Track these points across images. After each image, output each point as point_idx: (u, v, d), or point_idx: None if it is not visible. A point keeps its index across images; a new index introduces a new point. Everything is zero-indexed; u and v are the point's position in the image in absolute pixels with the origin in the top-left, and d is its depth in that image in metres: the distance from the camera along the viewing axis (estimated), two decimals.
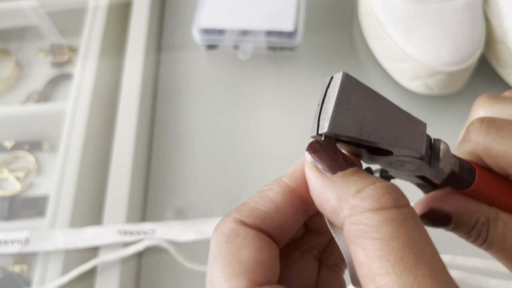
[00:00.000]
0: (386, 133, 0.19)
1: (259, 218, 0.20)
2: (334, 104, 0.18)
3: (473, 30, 0.44)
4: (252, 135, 0.47)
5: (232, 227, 0.19)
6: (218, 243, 0.19)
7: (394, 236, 0.16)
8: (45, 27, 0.59)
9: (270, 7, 0.51)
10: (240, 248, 0.18)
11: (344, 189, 0.17)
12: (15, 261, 0.43)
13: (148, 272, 0.41)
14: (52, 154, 0.50)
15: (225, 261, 0.18)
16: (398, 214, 0.16)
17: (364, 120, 0.18)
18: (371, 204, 0.16)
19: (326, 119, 0.18)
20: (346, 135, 0.18)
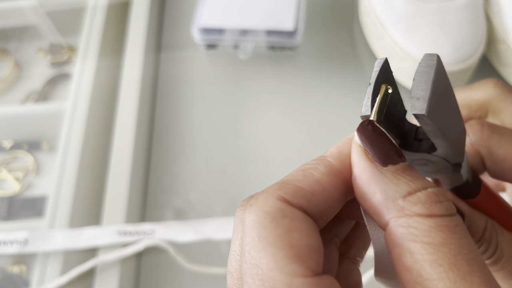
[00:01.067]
0: (452, 132, 0.18)
1: (305, 199, 0.17)
2: (431, 86, 0.16)
3: (474, 29, 0.43)
4: (252, 135, 0.47)
5: (277, 205, 0.17)
6: (262, 222, 0.16)
7: (446, 242, 0.15)
8: (44, 26, 0.59)
9: (270, 6, 0.51)
10: (290, 230, 0.16)
11: (394, 187, 0.17)
12: (14, 262, 0.43)
13: (148, 273, 0.41)
14: (51, 154, 0.50)
15: (274, 243, 0.16)
16: (450, 221, 0.16)
17: (443, 113, 0.17)
18: (422, 210, 0.16)
19: (421, 100, 0.16)
20: (434, 124, 0.17)
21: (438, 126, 0.17)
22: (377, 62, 0.18)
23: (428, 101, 0.16)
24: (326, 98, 0.49)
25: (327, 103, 0.48)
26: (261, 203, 0.17)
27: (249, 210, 0.17)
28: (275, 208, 0.17)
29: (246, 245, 0.16)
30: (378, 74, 0.18)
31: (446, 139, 0.18)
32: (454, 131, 0.18)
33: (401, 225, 0.16)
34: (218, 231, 0.41)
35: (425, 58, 0.17)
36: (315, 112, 0.47)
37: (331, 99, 0.49)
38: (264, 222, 0.16)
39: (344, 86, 0.50)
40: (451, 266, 0.15)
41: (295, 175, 0.18)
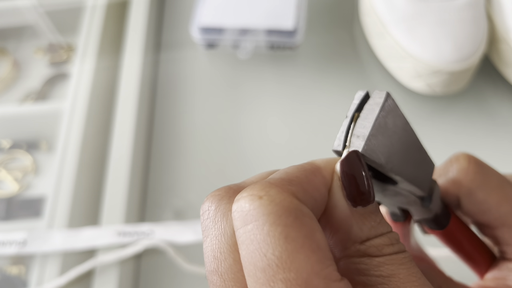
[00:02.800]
0: (407, 167, 0.18)
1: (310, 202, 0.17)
2: (372, 125, 0.17)
3: (475, 29, 0.43)
4: (251, 135, 0.47)
5: (296, 203, 0.16)
6: (284, 219, 0.15)
7: (395, 273, 0.16)
8: (43, 26, 0.59)
9: (270, 5, 0.51)
10: (313, 231, 0.15)
11: (356, 231, 0.17)
12: (12, 262, 0.43)
13: (147, 274, 0.41)
14: (50, 154, 0.50)
15: (305, 245, 0.15)
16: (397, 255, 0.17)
17: (392, 149, 0.18)
18: (374, 251, 0.17)
19: (360, 138, 0.17)
20: (375, 161, 0.17)
21: (381, 163, 0.17)
22: (357, 95, 0.18)
23: (367, 140, 0.17)
24: (326, 97, 0.49)
25: (327, 102, 0.48)
26: (276, 197, 0.15)
27: (259, 203, 0.15)
28: (295, 205, 0.15)
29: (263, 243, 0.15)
30: (357, 107, 0.18)
31: (397, 174, 0.18)
32: (409, 166, 0.18)
33: (355, 263, 0.17)
34: None
35: (374, 95, 0.18)
36: (315, 112, 0.47)
37: (331, 99, 0.49)
38: (286, 220, 0.15)
39: (344, 85, 0.49)
40: None
41: (298, 174, 0.17)
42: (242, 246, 0.16)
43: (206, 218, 0.18)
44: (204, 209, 0.18)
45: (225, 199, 0.18)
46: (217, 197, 0.18)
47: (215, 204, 0.18)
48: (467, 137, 0.45)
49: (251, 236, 0.15)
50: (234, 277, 0.16)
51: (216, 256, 0.17)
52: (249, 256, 0.15)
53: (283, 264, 0.14)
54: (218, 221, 0.17)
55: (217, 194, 0.18)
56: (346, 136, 0.17)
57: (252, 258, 0.15)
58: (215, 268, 0.17)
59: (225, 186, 0.18)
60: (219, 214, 0.17)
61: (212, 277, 0.17)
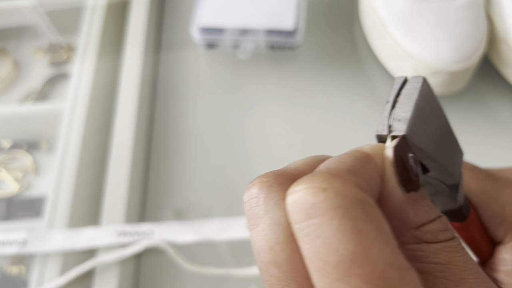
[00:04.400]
0: (441, 153, 0.18)
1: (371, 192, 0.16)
2: (413, 108, 0.17)
3: (475, 29, 0.43)
4: (252, 135, 0.47)
5: (362, 194, 0.15)
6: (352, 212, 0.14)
7: (452, 260, 0.16)
8: (43, 26, 0.59)
9: (270, 5, 0.51)
10: (381, 221, 0.15)
11: (412, 217, 0.17)
12: (13, 262, 0.43)
13: (147, 274, 0.41)
14: (50, 154, 0.50)
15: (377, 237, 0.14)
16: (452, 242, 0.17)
17: (429, 134, 0.18)
18: (430, 238, 0.17)
19: (402, 122, 0.17)
20: (415, 145, 0.17)
21: (421, 148, 0.17)
22: (396, 80, 0.18)
23: (409, 123, 0.17)
24: (326, 97, 0.49)
25: (327, 102, 0.48)
26: (341, 188, 0.15)
27: (324, 196, 0.15)
28: (361, 196, 0.15)
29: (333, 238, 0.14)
30: (398, 92, 0.18)
31: (433, 161, 0.18)
32: (443, 152, 0.18)
33: (412, 249, 0.17)
34: (218, 231, 0.41)
35: (411, 80, 0.18)
36: (315, 112, 0.47)
37: (331, 99, 0.49)
38: (356, 213, 0.14)
39: (344, 85, 0.49)
40: (460, 279, 0.16)
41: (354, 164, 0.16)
42: (307, 239, 0.15)
43: (255, 206, 0.17)
44: (251, 196, 0.17)
45: (275, 186, 0.17)
46: (266, 184, 0.17)
47: (264, 192, 0.17)
48: (467, 137, 0.45)
49: (318, 231, 0.15)
50: (293, 268, 0.16)
51: (272, 247, 0.16)
52: (316, 251, 0.15)
53: (358, 259, 0.14)
54: (270, 209, 0.16)
55: (265, 180, 0.17)
56: (388, 121, 0.17)
57: (321, 253, 0.14)
58: (272, 259, 0.16)
59: (272, 172, 0.17)
60: (271, 203, 0.17)
61: (270, 268, 0.16)
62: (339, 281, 0.14)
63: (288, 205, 0.15)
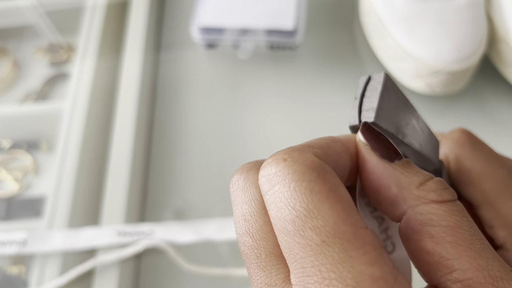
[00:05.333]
0: (415, 138, 0.20)
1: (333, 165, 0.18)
2: (378, 98, 0.19)
3: (475, 29, 0.43)
4: (251, 135, 0.47)
5: (318, 161, 0.17)
6: (308, 176, 0.16)
7: (460, 225, 0.17)
8: (43, 26, 0.59)
9: (270, 5, 0.51)
10: (336, 185, 0.16)
11: (406, 179, 0.18)
12: (13, 262, 0.43)
13: (147, 274, 0.41)
14: (50, 154, 0.50)
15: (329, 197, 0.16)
16: (458, 205, 0.17)
17: (399, 121, 0.19)
18: (436, 197, 0.17)
19: (370, 111, 0.19)
20: (386, 130, 0.19)
21: (392, 133, 0.19)
22: (360, 80, 0.20)
23: (377, 111, 0.18)
24: (326, 97, 0.49)
25: (327, 102, 0.48)
26: (299, 157, 0.17)
27: (284, 164, 0.17)
28: (317, 164, 0.17)
29: (291, 198, 0.16)
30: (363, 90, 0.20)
31: (406, 145, 0.20)
32: (416, 139, 0.20)
33: (420, 213, 0.17)
34: (218, 231, 0.41)
35: (374, 77, 0.20)
36: (315, 112, 0.47)
37: (331, 99, 0.49)
38: (310, 176, 0.16)
39: (344, 85, 0.49)
40: (468, 245, 0.16)
41: (318, 141, 0.18)
42: (271, 205, 0.17)
43: (236, 189, 0.19)
44: (233, 182, 0.19)
45: (253, 170, 0.19)
46: (246, 169, 0.19)
47: (244, 175, 0.19)
48: None
49: (279, 195, 0.16)
50: (265, 237, 0.17)
51: (247, 219, 0.18)
52: (278, 213, 0.16)
53: (310, 213, 0.16)
54: (247, 189, 0.18)
55: (245, 166, 0.19)
56: (359, 112, 0.19)
57: (281, 214, 0.16)
58: (246, 230, 0.18)
59: (250, 162, 0.19)
60: (248, 183, 0.18)
61: (243, 238, 0.18)
62: (296, 236, 0.16)
63: (260, 180, 0.18)
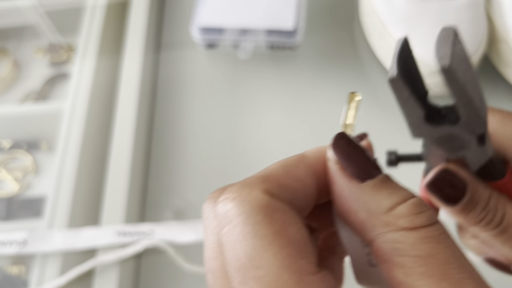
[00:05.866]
0: (475, 94, 0.18)
1: (288, 194, 0.17)
2: (451, 46, 0.17)
3: (475, 29, 0.43)
4: (251, 135, 0.47)
5: (267, 200, 0.16)
6: (253, 218, 0.15)
7: (433, 253, 0.15)
8: (43, 26, 0.59)
9: (270, 5, 0.51)
10: (285, 225, 0.15)
11: (375, 203, 0.16)
12: (13, 262, 0.43)
13: (147, 274, 0.41)
14: (50, 154, 0.50)
15: (274, 241, 0.15)
16: (434, 231, 0.16)
17: (465, 73, 0.18)
18: (406, 223, 0.16)
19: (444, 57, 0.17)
20: (458, 79, 0.17)
21: (462, 83, 0.17)
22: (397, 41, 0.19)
23: (450, 57, 0.16)
24: (326, 97, 0.49)
25: (327, 102, 0.48)
26: (247, 196, 0.16)
27: (232, 204, 0.16)
28: (265, 202, 0.16)
29: (236, 244, 0.15)
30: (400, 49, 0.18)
31: (469, 100, 0.18)
32: (476, 94, 0.18)
33: (387, 241, 0.16)
34: None
35: (443, 30, 0.18)
36: (315, 112, 0.47)
37: (331, 99, 0.49)
38: (256, 218, 0.15)
39: (344, 85, 0.50)
40: (442, 276, 0.15)
41: (277, 170, 0.17)
42: (223, 247, 0.16)
43: (204, 219, 0.18)
44: (203, 210, 0.18)
45: (216, 202, 0.17)
46: (211, 199, 0.18)
47: (209, 206, 0.17)
48: None
49: (227, 238, 0.16)
50: (223, 276, 0.16)
51: (209, 256, 0.17)
52: (227, 256, 0.16)
53: (252, 262, 0.15)
54: (210, 222, 0.17)
55: (212, 196, 0.18)
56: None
57: (230, 259, 0.15)
58: (208, 268, 0.17)
59: (222, 187, 0.18)
60: (211, 216, 0.17)
61: (207, 276, 0.17)
62: (241, 284, 0.15)
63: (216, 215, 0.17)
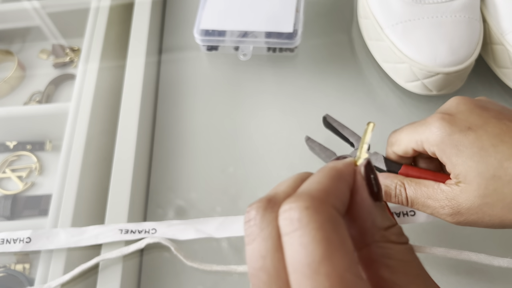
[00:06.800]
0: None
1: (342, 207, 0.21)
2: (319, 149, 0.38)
3: (471, 31, 0.44)
4: (252, 135, 0.48)
5: (335, 214, 0.20)
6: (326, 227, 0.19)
7: (411, 260, 0.22)
8: (47, 28, 0.60)
9: (270, 8, 0.51)
10: (346, 237, 0.20)
11: (379, 220, 0.22)
12: (17, 260, 0.43)
13: (150, 272, 0.41)
14: (54, 154, 0.50)
15: (341, 248, 0.19)
16: (410, 247, 0.23)
17: None
18: (396, 239, 0.22)
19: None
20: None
21: None
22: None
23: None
24: (325, 98, 0.49)
25: (326, 103, 0.49)
26: (320, 209, 0.19)
27: (306, 213, 0.19)
28: (334, 216, 0.20)
29: (309, 245, 0.19)
30: None
31: None
32: None
33: (381, 247, 0.22)
34: (219, 230, 0.41)
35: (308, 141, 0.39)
36: (315, 112, 0.48)
37: (330, 99, 0.49)
38: (327, 227, 0.19)
39: (343, 86, 0.50)
40: (416, 275, 0.22)
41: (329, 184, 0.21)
42: (290, 247, 0.19)
43: (253, 225, 0.21)
44: (250, 217, 0.21)
45: (268, 209, 0.21)
46: (262, 208, 0.21)
47: (260, 213, 0.21)
48: None
49: (300, 239, 0.19)
50: (277, 274, 0.20)
51: (263, 256, 0.20)
52: (296, 254, 0.19)
53: (324, 260, 0.18)
54: (264, 227, 0.21)
55: (260, 205, 0.21)
56: None
57: (299, 256, 0.19)
58: (261, 266, 0.20)
59: (264, 198, 0.22)
60: (265, 222, 0.21)
61: (259, 273, 0.20)
62: (309, 278, 0.18)
63: (280, 220, 0.20)
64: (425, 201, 0.33)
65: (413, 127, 0.34)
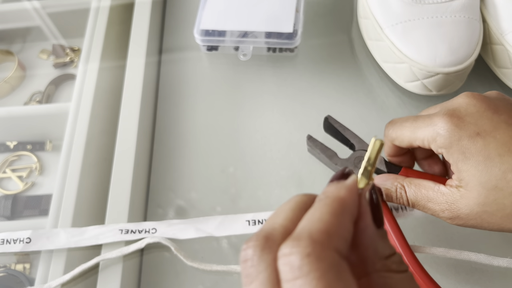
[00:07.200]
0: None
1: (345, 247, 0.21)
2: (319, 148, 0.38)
3: (471, 31, 0.44)
4: (252, 135, 0.48)
5: (337, 259, 0.19)
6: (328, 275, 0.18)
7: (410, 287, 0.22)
8: (48, 28, 0.60)
9: (270, 9, 0.51)
10: (350, 284, 0.19)
11: (381, 247, 0.22)
12: (17, 260, 0.43)
13: (149, 270, 0.41)
14: (54, 154, 0.50)
15: None
16: (410, 275, 0.23)
17: None
18: (396, 267, 0.22)
19: None
20: None
21: None
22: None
23: None
24: (325, 98, 0.49)
25: (326, 103, 0.49)
26: (321, 254, 0.19)
27: (307, 260, 0.18)
28: (337, 262, 0.19)
29: None
30: None
31: None
32: None
33: (384, 277, 0.22)
34: (219, 228, 0.41)
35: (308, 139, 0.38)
36: (315, 112, 0.48)
37: (330, 99, 0.49)
38: (329, 275, 0.18)
39: (343, 86, 0.50)
40: None
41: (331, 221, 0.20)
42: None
43: (250, 266, 0.20)
44: (247, 257, 0.20)
45: (266, 249, 0.20)
46: (259, 248, 0.20)
47: (258, 254, 0.20)
48: None
49: (271, 281, 0.19)
50: None
51: None
52: None
53: None
54: (262, 270, 0.20)
55: (258, 244, 0.20)
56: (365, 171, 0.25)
57: None
58: None
59: (261, 236, 0.21)
60: (263, 264, 0.20)
61: None
62: None
63: (280, 265, 0.19)
64: (425, 204, 0.33)
65: (416, 125, 0.33)
